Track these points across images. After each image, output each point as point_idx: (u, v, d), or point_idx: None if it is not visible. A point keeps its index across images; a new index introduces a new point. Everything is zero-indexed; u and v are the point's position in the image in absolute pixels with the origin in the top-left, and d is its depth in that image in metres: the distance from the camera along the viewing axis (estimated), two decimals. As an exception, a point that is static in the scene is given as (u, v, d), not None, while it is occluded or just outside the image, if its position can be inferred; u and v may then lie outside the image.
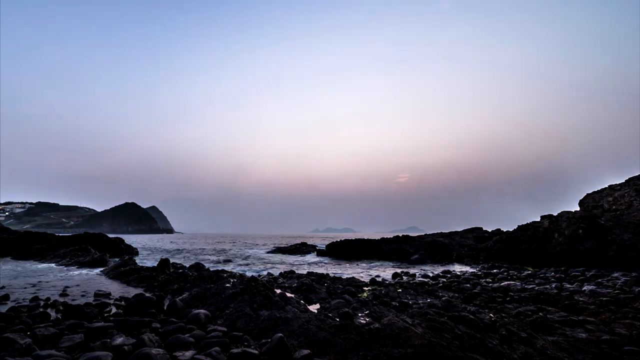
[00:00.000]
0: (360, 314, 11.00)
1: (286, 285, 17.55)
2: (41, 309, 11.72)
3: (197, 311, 9.93)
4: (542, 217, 32.79)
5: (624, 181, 38.74)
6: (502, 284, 17.91)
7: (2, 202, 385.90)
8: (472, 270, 27.17)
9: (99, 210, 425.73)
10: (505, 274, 22.96)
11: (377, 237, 48.53)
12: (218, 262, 34.41)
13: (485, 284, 18.40)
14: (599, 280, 18.14)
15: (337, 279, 19.85)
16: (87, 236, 41.62)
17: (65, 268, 25.96)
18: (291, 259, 40.54)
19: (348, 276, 21.94)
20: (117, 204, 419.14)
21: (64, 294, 15.12)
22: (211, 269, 23.73)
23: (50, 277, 20.49)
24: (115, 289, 17.02)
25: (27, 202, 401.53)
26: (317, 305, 13.40)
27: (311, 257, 43.02)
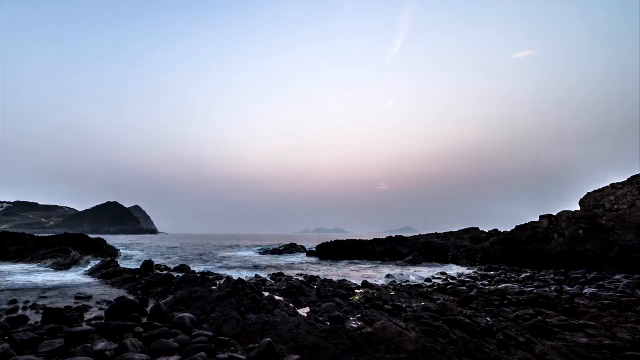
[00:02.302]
0: (351, 318, 11.01)
1: (275, 287, 17.52)
2: (20, 313, 11.65)
3: (182, 315, 9.90)
4: (541, 217, 32.92)
5: (626, 179, 39.01)
6: (499, 286, 17.97)
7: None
8: (468, 272, 27.26)
9: (80, 209, 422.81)
10: (503, 276, 23.00)
11: (370, 237, 48.62)
12: (204, 263, 34.27)
13: (482, 286, 18.46)
14: (601, 282, 18.16)
15: (328, 282, 19.85)
16: (68, 237, 41.20)
17: (45, 270, 25.75)
18: (280, 260, 40.50)
19: (339, 278, 21.95)
20: (99, 203, 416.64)
21: (43, 296, 15.00)
22: (197, 271, 23.66)
23: (29, 279, 20.29)
24: (97, 291, 16.90)
25: (4, 202, 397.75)
26: (307, 309, 13.39)
27: (301, 259, 43.05)
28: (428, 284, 20.71)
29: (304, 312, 12.67)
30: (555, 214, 31.86)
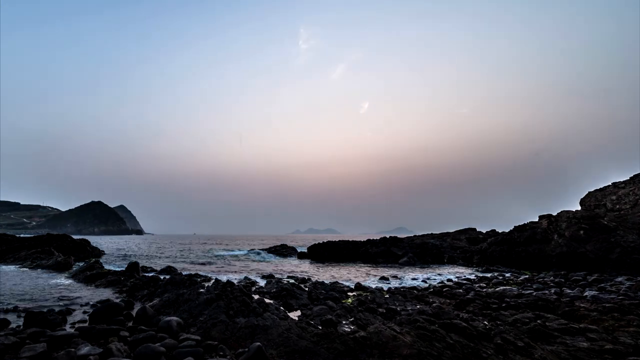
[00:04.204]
0: (344, 322, 11.01)
1: (265, 290, 17.51)
2: (1, 316, 11.56)
3: (168, 318, 9.85)
4: (540, 217, 33.05)
5: (628, 178, 39.14)
6: (497, 289, 18.02)
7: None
8: (465, 274, 27.31)
9: (63, 209, 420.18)
10: (500, 278, 23.06)
11: (363, 238, 48.59)
12: (191, 265, 34.13)
13: (479, 289, 18.48)
14: (602, 285, 18.22)
15: (320, 284, 19.80)
16: (51, 238, 41.01)
17: (26, 272, 25.59)
18: (270, 262, 40.44)
19: (331, 280, 21.95)
20: (83, 203, 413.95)
21: (25, 299, 14.92)
22: (184, 273, 23.53)
23: (10, 281, 20.17)
24: (81, 294, 16.82)
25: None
26: (298, 312, 13.40)
27: (292, 260, 42.99)
28: (423, 285, 20.75)
29: (294, 315, 12.67)
30: (554, 213, 31.98)
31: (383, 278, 23.77)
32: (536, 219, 33.21)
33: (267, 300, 13.21)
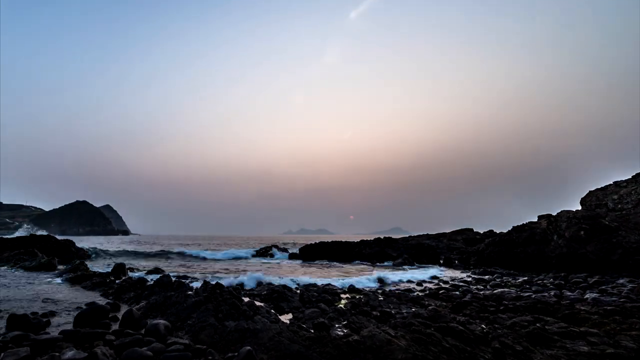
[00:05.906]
0: (337, 325, 11.01)
1: (255, 292, 17.46)
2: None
3: (156, 321, 9.81)
4: (539, 217, 33.15)
5: (630, 177, 39.22)
6: (495, 291, 18.02)
7: None
8: (461, 275, 27.30)
9: (47, 209, 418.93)
10: (498, 280, 23.09)
11: (357, 239, 48.61)
12: (179, 266, 34.03)
13: (476, 291, 18.49)
14: (603, 287, 18.22)
15: (312, 286, 19.75)
16: (34, 238, 40.79)
17: (9, 273, 25.42)
18: (261, 263, 40.36)
19: (324, 282, 21.90)
20: (67, 202, 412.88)
21: (7, 301, 14.80)
22: (172, 275, 23.45)
23: (-9, 283, 20.07)
24: (65, 296, 16.71)
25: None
26: (290, 315, 13.35)
27: (283, 261, 42.92)
28: (419, 288, 20.72)
29: (286, 318, 12.62)
30: (554, 213, 32.08)
31: (377, 280, 23.73)
32: (535, 219, 33.28)
33: (257, 303, 13.19)
